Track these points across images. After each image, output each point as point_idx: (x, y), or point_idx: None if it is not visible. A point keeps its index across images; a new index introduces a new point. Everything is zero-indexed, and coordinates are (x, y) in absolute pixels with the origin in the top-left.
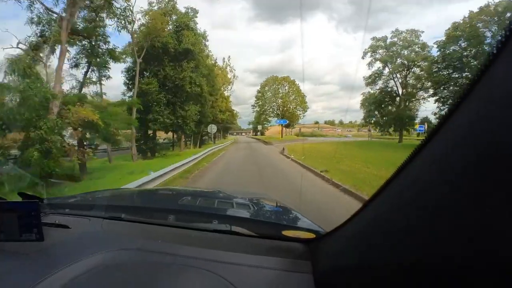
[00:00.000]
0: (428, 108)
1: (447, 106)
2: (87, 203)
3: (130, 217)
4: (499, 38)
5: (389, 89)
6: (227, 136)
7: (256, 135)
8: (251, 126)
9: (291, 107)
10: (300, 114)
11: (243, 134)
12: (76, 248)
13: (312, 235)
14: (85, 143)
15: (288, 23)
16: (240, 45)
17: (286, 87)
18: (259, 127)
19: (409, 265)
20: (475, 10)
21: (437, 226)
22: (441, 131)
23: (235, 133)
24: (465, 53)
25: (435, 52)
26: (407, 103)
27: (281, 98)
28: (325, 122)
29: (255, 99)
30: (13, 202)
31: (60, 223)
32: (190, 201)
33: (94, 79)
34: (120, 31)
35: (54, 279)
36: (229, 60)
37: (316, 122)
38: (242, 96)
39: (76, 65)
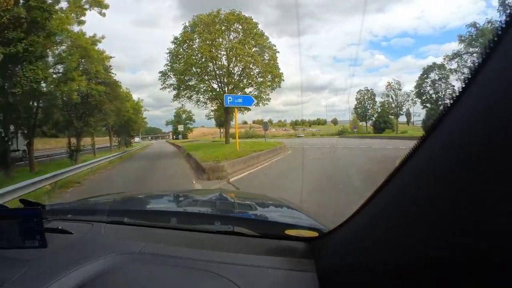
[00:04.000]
0: None
1: None
2: (89, 208)
3: (133, 221)
4: (492, 35)
5: None
6: (132, 143)
7: (177, 138)
8: (171, 127)
9: (254, 71)
10: (267, 90)
11: (166, 137)
12: (79, 254)
13: (315, 234)
14: None
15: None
16: (166, 44)
17: (241, 34)
18: (180, 128)
19: (413, 263)
20: (391, 21)
21: (440, 225)
22: (439, 127)
23: (149, 138)
24: None
25: None
26: None
27: (230, 51)
28: (254, 122)
29: (168, 54)
30: (15, 209)
31: (63, 229)
32: (192, 203)
33: None
34: None
35: (58, 286)
36: None
37: (245, 122)
38: (164, 97)
39: None
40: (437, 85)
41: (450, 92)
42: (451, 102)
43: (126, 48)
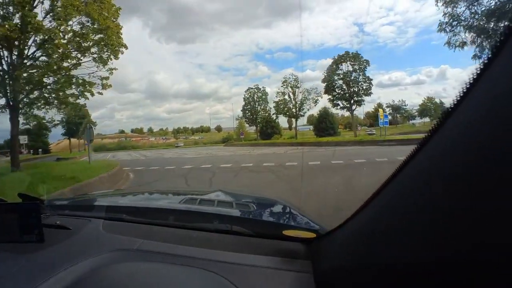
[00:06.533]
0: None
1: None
2: (88, 204)
3: (131, 218)
4: (499, 35)
5: None
6: None
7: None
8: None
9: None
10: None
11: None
12: (76, 250)
13: (312, 235)
14: None
15: None
16: None
17: None
18: (23, 140)
19: (410, 265)
20: (275, 37)
21: (439, 226)
22: (441, 130)
23: None
24: None
25: None
26: None
27: None
28: (132, 131)
29: None
30: (14, 203)
31: (61, 224)
32: (191, 201)
33: None
34: None
35: (54, 281)
36: None
37: (122, 131)
38: None
39: None
40: (352, 78)
41: (366, 87)
42: (454, 104)
43: None
